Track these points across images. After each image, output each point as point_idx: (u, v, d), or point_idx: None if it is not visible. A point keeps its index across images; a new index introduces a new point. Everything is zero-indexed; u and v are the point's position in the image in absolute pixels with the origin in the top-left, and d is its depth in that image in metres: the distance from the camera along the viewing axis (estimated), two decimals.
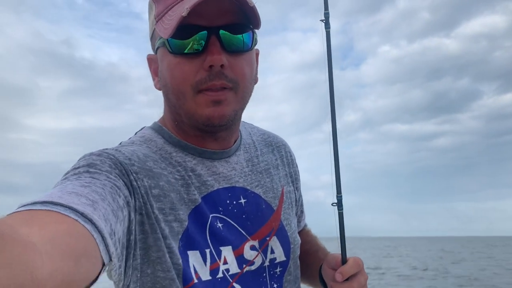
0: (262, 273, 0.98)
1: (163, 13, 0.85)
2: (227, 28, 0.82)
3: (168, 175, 0.88)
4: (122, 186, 0.77)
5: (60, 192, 0.65)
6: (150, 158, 0.88)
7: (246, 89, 0.88)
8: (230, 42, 0.83)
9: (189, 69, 0.83)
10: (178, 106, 0.88)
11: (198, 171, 0.92)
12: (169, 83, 0.87)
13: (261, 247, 0.97)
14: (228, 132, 0.94)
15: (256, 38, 0.89)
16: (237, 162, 1.00)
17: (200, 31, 0.81)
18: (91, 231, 0.61)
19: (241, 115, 0.95)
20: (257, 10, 0.82)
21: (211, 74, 0.82)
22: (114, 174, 0.77)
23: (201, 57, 0.82)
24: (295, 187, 1.14)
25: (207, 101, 0.84)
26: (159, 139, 0.94)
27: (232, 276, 0.92)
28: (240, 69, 0.85)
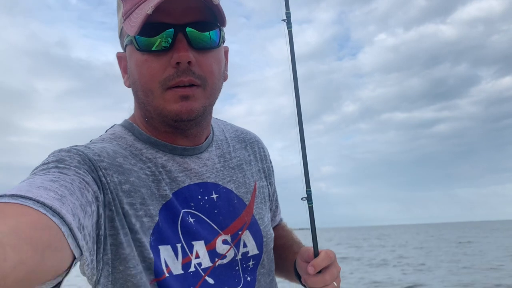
0: (234, 266, 0.99)
1: (130, 11, 0.85)
2: (194, 25, 0.83)
3: (138, 171, 0.88)
4: (91, 181, 0.77)
5: (28, 186, 0.65)
6: (120, 154, 0.88)
7: (214, 86, 0.89)
8: (197, 39, 0.84)
9: (157, 66, 0.83)
10: (147, 102, 0.88)
11: (169, 167, 0.92)
12: (138, 80, 0.87)
13: (233, 241, 0.98)
14: (198, 129, 0.94)
15: (224, 35, 0.89)
16: (209, 158, 1.00)
17: (167, 28, 0.82)
18: (59, 225, 0.60)
19: (210, 111, 0.95)
20: (221, 8, 0.83)
21: (179, 71, 0.83)
22: (83, 169, 0.77)
23: (169, 54, 0.83)
24: (268, 182, 1.14)
25: (175, 97, 0.84)
26: (129, 136, 0.94)
27: (205, 270, 0.93)
28: (208, 66, 0.86)
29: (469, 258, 20.49)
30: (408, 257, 22.59)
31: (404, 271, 16.90)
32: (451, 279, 13.82)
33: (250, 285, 1.02)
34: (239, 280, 0.98)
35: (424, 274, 15.58)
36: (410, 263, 19.51)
